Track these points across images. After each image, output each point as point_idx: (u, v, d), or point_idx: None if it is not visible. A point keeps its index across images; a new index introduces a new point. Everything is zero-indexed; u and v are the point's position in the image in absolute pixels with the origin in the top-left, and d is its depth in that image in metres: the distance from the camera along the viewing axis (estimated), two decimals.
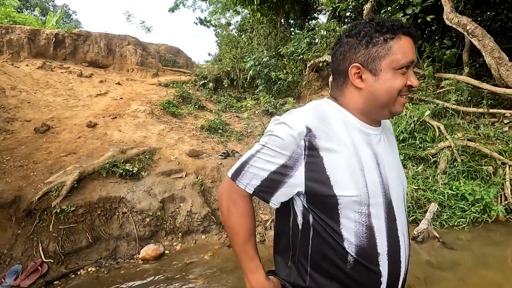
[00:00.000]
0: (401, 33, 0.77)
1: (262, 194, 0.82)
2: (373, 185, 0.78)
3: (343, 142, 0.78)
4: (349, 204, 0.76)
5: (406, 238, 0.86)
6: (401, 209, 0.85)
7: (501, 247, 3.12)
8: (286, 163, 0.77)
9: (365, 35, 0.78)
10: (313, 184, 0.77)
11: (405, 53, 0.77)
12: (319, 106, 0.84)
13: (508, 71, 3.90)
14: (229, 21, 14.83)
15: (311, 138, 0.76)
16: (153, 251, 3.08)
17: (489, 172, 3.82)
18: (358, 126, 0.83)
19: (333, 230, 0.78)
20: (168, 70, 9.80)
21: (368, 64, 0.78)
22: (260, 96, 7.17)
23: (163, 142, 4.75)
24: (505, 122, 4.18)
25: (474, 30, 4.02)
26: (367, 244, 0.78)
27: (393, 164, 0.87)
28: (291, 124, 0.77)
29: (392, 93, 0.78)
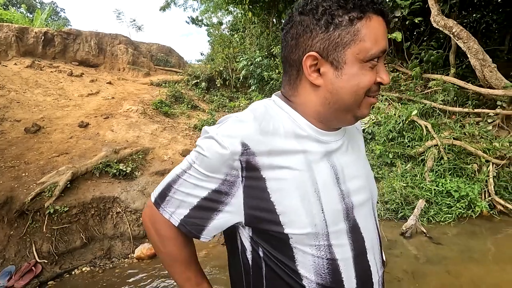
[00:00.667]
0: (372, 11, 0.56)
1: (190, 227, 0.64)
2: (332, 209, 0.62)
3: (293, 160, 0.61)
4: (303, 239, 0.61)
5: (378, 258, 0.72)
6: (370, 227, 0.70)
7: (485, 241, 3.26)
8: (219, 188, 0.60)
9: (324, 13, 0.57)
10: (256, 213, 0.61)
11: (376, 39, 0.57)
12: (263, 110, 0.65)
13: (491, 72, 4.06)
14: (220, 20, 14.83)
15: (249, 157, 0.58)
16: (148, 250, 3.11)
17: (474, 169, 3.97)
18: (313, 135, 0.64)
19: (288, 267, 0.63)
20: (160, 70, 9.76)
21: (328, 53, 0.58)
22: (252, 96, 7.23)
23: (156, 142, 4.76)
24: (489, 122, 4.34)
25: (459, 32, 4.16)
26: (330, 281, 0.63)
27: (358, 172, 0.71)
28: (221, 140, 0.59)
29: (359, 94, 0.60)
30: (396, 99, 5.04)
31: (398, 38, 5.08)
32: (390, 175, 4.14)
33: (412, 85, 5.08)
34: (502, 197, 3.79)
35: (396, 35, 5.08)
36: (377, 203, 3.83)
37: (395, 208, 3.76)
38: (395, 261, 2.82)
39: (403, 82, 5.23)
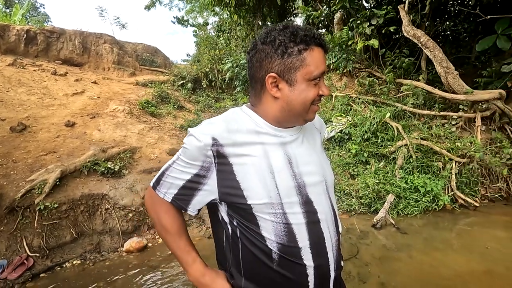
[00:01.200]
0: (314, 44, 0.78)
1: (179, 202, 0.86)
2: (285, 186, 0.81)
3: (253, 149, 0.81)
4: (262, 208, 0.80)
5: (332, 228, 0.89)
6: (324, 203, 0.88)
7: (446, 231, 3.62)
8: (198, 172, 0.81)
9: (280, 45, 0.77)
10: (226, 190, 0.81)
11: (317, 65, 0.78)
12: (231, 114, 0.87)
13: (454, 79, 4.47)
14: (206, 20, 14.94)
15: (218, 148, 0.79)
16: (137, 243, 3.26)
17: (438, 167, 4.36)
18: (270, 131, 0.85)
19: (255, 232, 0.82)
20: (146, 70, 9.80)
21: (284, 74, 0.79)
22: (238, 97, 7.44)
23: (143, 141, 4.89)
24: (453, 124, 4.77)
25: (426, 42, 4.55)
26: (287, 241, 0.81)
27: (312, 159, 0.89)
28: (197, 136, 0.80)
29: (306, 104, 0.81)
30: (372, 102, 5.39)
31: (375, 45, 5.45)
32: (365, 172, 4.47)
33: (386, 89, 5.46)
34: (463, 192, 4.20)
35: (373, 42, 5.44)
36: (353, 198, 4.15)
37: (368, 202, 4.08)
38: (365, 249, 3.12)
39: (378, 86, 5.59)
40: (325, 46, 0.81)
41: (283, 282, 0.83)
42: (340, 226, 0.97)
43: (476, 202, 4.11)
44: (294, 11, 9.86)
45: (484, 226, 3.61)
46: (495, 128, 4.69)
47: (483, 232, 3.46)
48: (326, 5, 6.94)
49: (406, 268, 2.76)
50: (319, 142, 0.99)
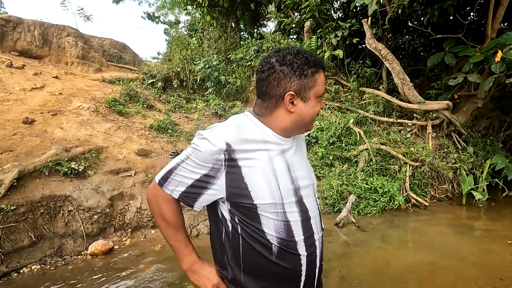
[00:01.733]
0: (321, 67, 0.93)
1: (186, 199, 0.93)
2: (285, 188, 0.92)
3: (259, 155, 0.91)
4: (267, 208, 0.90)
5: (318, 224, 1.03)
6: (312, 203, 1.01)
7: (400, 229, 3.97)
8: (208, 173, 0.88)
9: (298, 67, 0.89)
10: (234, 191, 0.89)
11: (323, 84, 0.94)
12: (240, 122, 0.95)
13: (409, 90, 4.91)
14: (178, 18, 14.68)
15: (230, 152, 0.87)
16: (102, 246, 3.18)
17: (395, 170, 4.76)
18: (274, 140, 0.95)
19: (257, 228, 0.91)
20: (113, 66, 9.42)
21: (300, 92, 0.91)
22: (209, 99, 7.45)
23: (110, 141, 4.73)
24: (408, 130, 5.23)
25: (386, 55, 4.96)
26: (286, 236, 0.92)
27: (302, 165, 1.02)
28: (212, 140, 0.87)
29: (314, 116, 0.96)
30: (337, 108, 5.72)
31: (340, 55, 5.80)
32: (330, 174, 4.74)
33: (350, 97, 5.82)
34: (415, 193, 4.63)
35: (339, 52, 5.79)
36: (318, 198, 4.38)
37: (332, 203, 4.34)
38: (328, 246, 3.32)
39: (343, 93, 5.95)
40: (325, 69, 1.01)
41: (281, 272, 0.94)
42: (323, 224, 1.10)
43: (426, 202, 4.55)
44: (266, 16, 10.08)
45: (432, 224, 4.02)
46: (443, 135, 5.22)
47: (431, 228, 3.85)
48: (297, 13, 7.23)
49: (364, 263, 3.01)
50: (305, 151, 1.13)
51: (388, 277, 2.74)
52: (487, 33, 4.69)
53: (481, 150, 5.32)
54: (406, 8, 4.78)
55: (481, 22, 5.80)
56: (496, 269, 2.84)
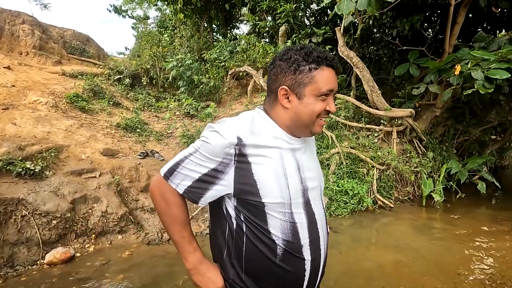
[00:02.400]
0: (324, 64, 0.86)
1: (191, 195, 0.88)
2: (295, 188, 0.89)
3: (271, 152, 0.88)
4: (274, 207, 0.86)
5: (325, 228, 1.00)
6: (318, 205, 0.98)
7: (368, 229, 4.14)
8: (216, 167, 0.85)
9: (294, 62, 0.86)
10: (242, 187, 0.85)
11: (325, 83, 0.86)
12: (251, 117, 0.92)
13: (377, 97, 5.18)
14: (146, 13, 14.12)
15: (241, 147, 0.84)
16: (62, 254, 2.89)
17: (364, 173, 4.97)
18: (284, 138, 0.92)
19: (262, 228, 0.87)
20: (75, 59, 8.78)
21: (294, 88, 0.87)
22: (182, 98, 7.23)
23: (72, 139, 4.37)
24: (375, 135, 5.50)
25: (357, 63, 5.19)
26: (292, 238, 0.89)
27: (312, 167, 0.99)
28: (223, 133, 0.84)
29: (312, 116, 0.88)
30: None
31: None
32: None
33: None
34: (382, 195, 4.87)
35: None
36: None
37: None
38: None
39: None
40: (336, 67, 0.89)
41: (283, 275, 0.90)
42: (328, 227, 1.07)
43: (391, 203, 4.81)
44: (240, 18, 10.07)
45: (397, 224, 4.25)
46: (406, 141, 5.57)
47: (396, 229, 4.07)
48: (272, 17, 7.31)
49: (336, 263, 3.08)
50: (315, 152, 1.11)
51: (361, 277, 2.83)
52: (445, 48, 5.11)
53: (439, 156, 5.77)
54: (376, 20, 5.04)
55: (440, 38, 6.32)
56: (454, 265, 3.07)
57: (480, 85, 3.90)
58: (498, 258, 3.23)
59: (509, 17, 5.64)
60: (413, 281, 2.76)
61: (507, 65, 3.81)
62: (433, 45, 6.00)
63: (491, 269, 3.01)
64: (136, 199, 3.88)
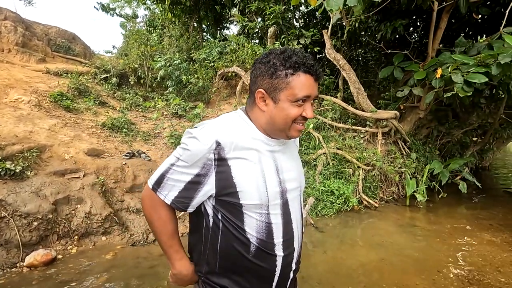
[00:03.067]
0: (301, 71, 0.85)
1: (179, 204, 0.91)
2: (273, 190, 0.91)
3: (249, 154, 0.89)
4: (252, 208, 0.89)
5: (300, 229, 1.02)
6: (296, 206, 1.00)
7: (354, 229, 4.21)
8: (199, 172, 0.87)
9: (272, 67, 0.87)
10: (222, 189, 0.88)
11: (300, 89, 0.85)
12: (230, 120, 0.94)
13: (363, 99, 5.28)
14: (135, 12, 13.94)
15: (220, 151, 0.85)
16: (43, 256, 2.83)
17: (349, 173, 5.06)
18: (263, 139, 0.93)
19: (238, 226, 0.90)
20: (60, 57, 8.58)
21: (270, 92, 0.88)
22: (170, 98, 7.17)
23: (55, 139, 4.27)
24: (361, 136, 5.60)
25: (344, 65, 5.27)
26: (266, 237, 0.91)
27: (292, 168, 1.00)
28: (201, 139, 0.85)
29: (287, 121, 0.88)
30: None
31: None
32: None
33: None
34: (367, 195, 4.96)
35: None
36: None
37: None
38: None
39: None
40: (315, 74, 0.88)
41: (255, 270, 0.94)
42: (303, 228, 1.10)
43: (376, 203, 4.91)
44: (230, 18, 10.07)
45: (381, 224, 4.34)
46: (391, 142, 5.70)
47: (380, 228, 4.16)
48: (261, 18, 7.35)
49: (322, 262, 3.12)
50: (296, 154, 1.11)
51: (344, 275, 2.88)
52: (428, 52, 5.25)
53: (422, 156, 5.92)
54: (362, 23, 5.14)
55: (423, 42, 6.49)
56: (434, 262, 3.16)
57: (460, 88, 4.03)
58: (477, 255, 3.35)
59: (489, 23, 5.86)
60: (394, 278, 2.83)
61: (485, 69, 3.96)
62: (417, 49, 6.16)
63: (470, 265, 3.11)
64: (121, 199, 3.83)
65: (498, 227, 4.24)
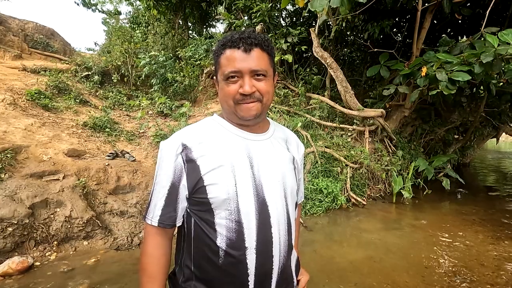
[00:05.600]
0: (227, 47, 0.84)
1: (166, 222, 0.87)
2: (243, 185, 0.84)
3: (218, 150, 0.86)
4: (220, 204, 0.83)
5: (283, 234, 0.89)
6: (279, 210, 0.88)
7: (342, 227, 4.22)
8: (173, 180, 0.85)
9: (214, 53, 0.90)
10: (193, 186, 0.85)
11: (227, 65, 0.83)
12: (201, 123, 0.95)
13: (350, 97, 5.30)
14: (117, 8, 13.55)
15: (187, 152, 0.85)
16: (18, 264, 2.66)
17: (337, 171, 5.07)
18: (236, 134, 0.91)
19: (209, 228, 0.84)
20: (38, 54, 8.20)
21: (216, 72, 0.90)
22: (155, 96, 6.98)
23: (32, 139, 4.05)
24: (348, 135, 5.64)
25: (331, 63, 5.28)
26: (236, 238, 0.83)
27: (273, 166, 0.91)
28: (168, 145, 0.87)
29: (227, 99, 0.86)
30: (286, 111, 5.89)
31: (290, 59, 5.98)
32: None
33: (298, 101, 6.05)
34: (355, 193, 5.00)
35: (288, 57, 5.97)
36: None
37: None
38: None
39: (291, 98, 6.15)
40: (242, 45, 0.82)
41: (227, 279, 0.85)
42: (293, 238, 0.97)
43: (364, 201, 4.95)
44: (216, 16, 9.94)
45: (369, 221, 4.37)
46: (377, 140, 5.76)
47: (369, 225, 4.18)
48: (248, 16, 7.27)
49: (311, 262, 3.10)
50: (284, 154, 0.98)
51: (335, 274, 2.87)
52: (413, 51, 5.34)
53: (407, 154, 6.03)
54: (349, 23, 5.16)
55: (407, 42, 6.61)
56: (422, 258, 3.21)
57: (444, 86, 4.11)
58: (462, 250, 3.42)
59: (470, 23, 6.03)
60: (384, 276, 2.84)
61: (468, 68, 4.05)
62: (402, 49, 6.26)
63: (456, 260, 3.17)
64: (104, 202, 3.67)
65: (480, 222, 4.36)
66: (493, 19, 5.09)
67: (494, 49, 3.71)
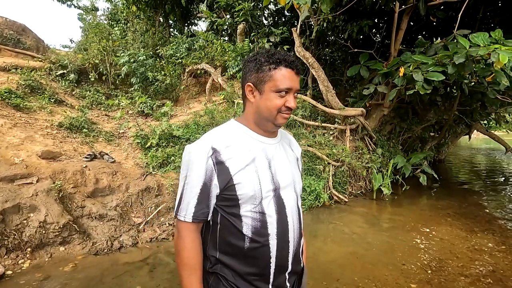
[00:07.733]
0: (283, 65, 0.97)
1: (200, 218, 0.99)
2: (265, 183, 0.99)
3: (243, 153, 1.00)
4: (247, 199, 0.98)
5: (296, 222, 1.07)
6: (292, 201, 1.06)
7: (325, 224, 4.29)
8: (205, 181, 0.97)
9: (257, 63, 1.00)
10: (224, 185, 0.98)
11: (282, 81, 0.97)
12: (223, 127, 1.07)
13: (332, 97, 5.39)
14: (94, 4, 13.07)
15: (217, 155, 0.97)
16: None
17: (320, 169, 5.15)
18: (256, 138, 1.05)
19: (236, 219, 0.99)
20: (8, 51, 7.76)
21: (257, 85, 1.00)
22: (135, 96, 6.80)
23: (2, 141, 3.84)
24: (330, 133, 5.73)
25: (313, 63, 5.35)
26: (260, 226, 0.98)
27: (285, 166, 1.09)
28: (198, 149, 0.98)
29: (271, 110, 0.99)
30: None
31: None
32: None
33: None
34: (337, 190, 5.09)
35: None
36: None
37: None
38: None
39: None
40: (295, 68, 1.00)
41: (250, 262, 1.01)
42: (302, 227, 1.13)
43: (346, 198, 5.05)
44: (198, 14, 9.81)
45: (351, 218, 4.47)
46: (358, 138, 5.90)
47: (350, 222, 4.28)
48: (230, 15, 7.23)
49: None
50: (291, 156, 1.18)
51: (318, 271, 2.91)
52: (391, 52, 5.51)
53: (387, 152, 6.21)
54: (330, 23, 5.24)
55: (386, 43, 6.81)
56: (401, 253, 3.32)
57: (420, 86, 4.26)
58: (438, 243, 3.57)
59: (444, 26, 6.29)
60: (365, 271, 2.91)
61: (442, 69, 4.23)
62: (381, 49, 6.44)
63: (431, 254, 3.30)
64: (82, 205, 3.53)
65: (455, 216, 4.57)
66: (465, 21, 5.33)
67: (466, 50, 3.88)
